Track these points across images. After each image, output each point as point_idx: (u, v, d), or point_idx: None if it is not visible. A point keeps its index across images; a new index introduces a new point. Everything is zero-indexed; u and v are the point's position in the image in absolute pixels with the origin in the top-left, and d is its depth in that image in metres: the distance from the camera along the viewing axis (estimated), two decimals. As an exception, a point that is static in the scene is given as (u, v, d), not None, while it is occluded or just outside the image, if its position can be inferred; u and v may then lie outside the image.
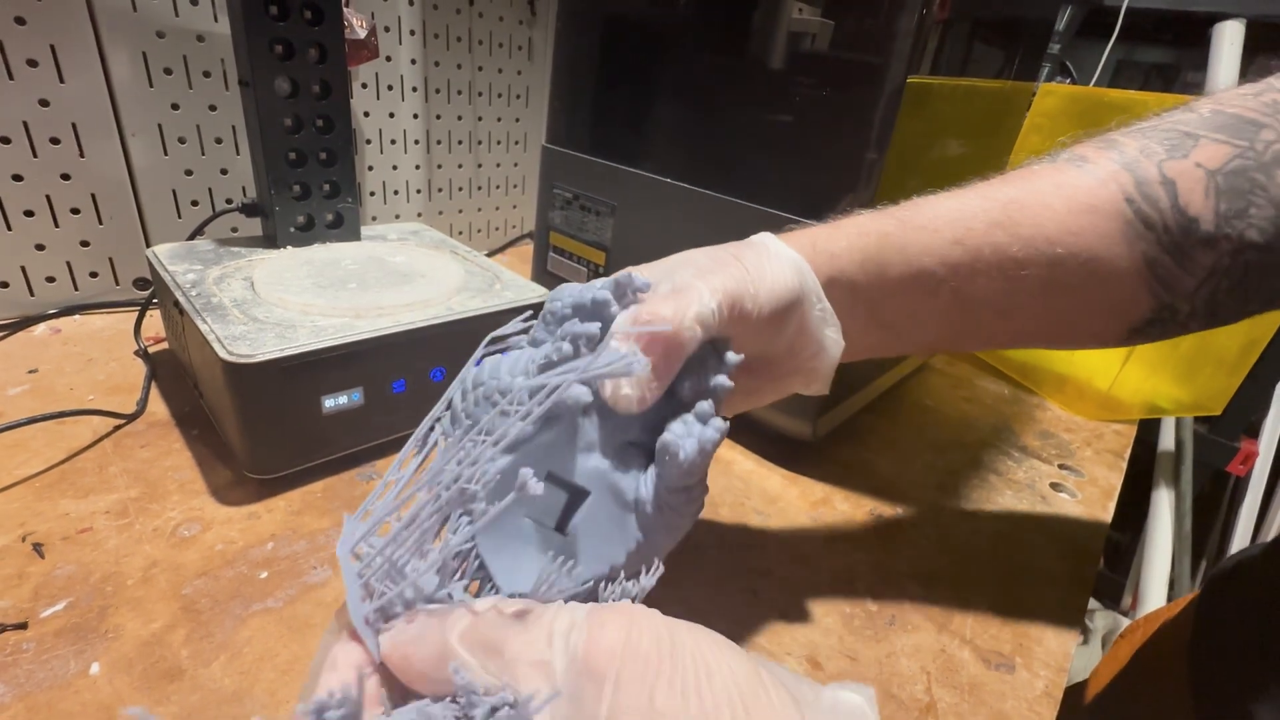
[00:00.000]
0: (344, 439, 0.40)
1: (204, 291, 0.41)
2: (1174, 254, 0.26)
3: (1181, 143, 0.26)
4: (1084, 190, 0.26)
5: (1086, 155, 0.27)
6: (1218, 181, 0.25)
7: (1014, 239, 0.26)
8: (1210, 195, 0.25)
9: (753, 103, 0.44)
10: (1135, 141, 0.27)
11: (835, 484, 0.46)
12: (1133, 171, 0.26)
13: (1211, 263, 0.26)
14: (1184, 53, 1.21)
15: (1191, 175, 0.25)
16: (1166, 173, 0.25)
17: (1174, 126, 0.27)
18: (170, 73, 0.54)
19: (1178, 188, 0.25)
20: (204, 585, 0.32)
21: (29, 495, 0.36)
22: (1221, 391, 0.57)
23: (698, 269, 0.25)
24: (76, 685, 0.27)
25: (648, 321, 0.22)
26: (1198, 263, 0.26)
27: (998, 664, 0.33)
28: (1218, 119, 0.26)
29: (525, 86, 0.81)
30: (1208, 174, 0.25)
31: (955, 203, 0.27)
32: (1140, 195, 0.26)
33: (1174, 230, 0.25)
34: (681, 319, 0.22)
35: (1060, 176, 0.27)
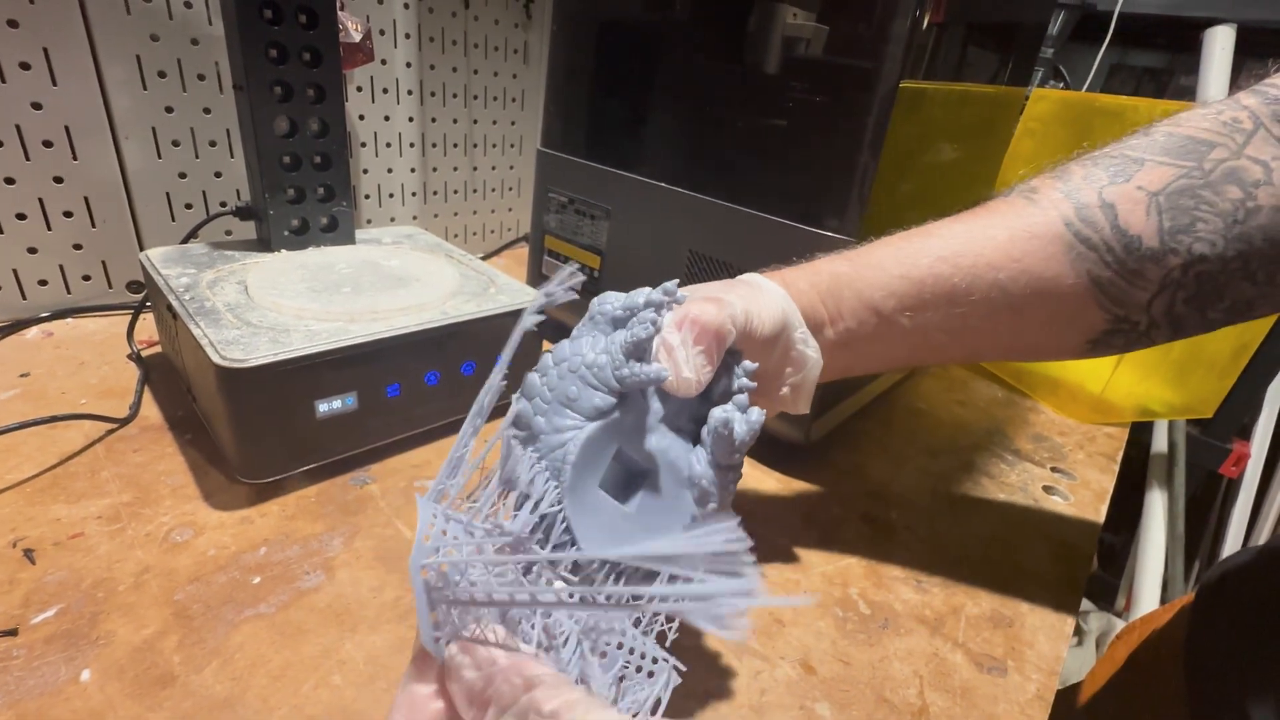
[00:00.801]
0: (338, 443, 0.40)
1: (197, 295, 0.41)
2: (1119, 270, 0.28)
3: (1126, 168, 0.28)
4: (1025, 219, 0.29)
5: (1036, 187, 0.30)
6: (1159, 201, 0.27)
7: (955, 269, 0.29)
8: (1152, 214, 0.27)
9: (747, 107, 0.44)
10: (1082, 169, 0.29)
11: (829, 487, 0.46)
12: (1073, 198, 0.28)
13: (1160, 276, 0.27)
14: (1176, 57, 1.22)
15: (1131, 197, 0.27)
16: (1105, 197, 0.28)
17: (1122, 153, 0.29)
18: (164, 76, 0.54)
19: (1117, 210, 0.27)
20: (196, 591, 0.32)
21: (20, 500, 0.36)
22: (1213, 394, 0.58)
23: (716, 289, 0.29)
24: (67, 692, 0.27)
25: (695, 318, 0.25)
26: (1146, 277, 0.28)
27: (990, 667, 0.34)
28: (1168, 142, 0.28)
29: (521, 90, 0.81)
30: (1149, 195, 0.27)
31: (905, 243, 0.31)
32: (1079, 219, 0.28)
33: (1116, 249, 0.27)
34: (722, 316, 0.26)
35: (1008, 210, 0.30)
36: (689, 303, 0.27)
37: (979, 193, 0.59)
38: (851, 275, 0.31)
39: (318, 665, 0.29)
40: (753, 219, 0.44)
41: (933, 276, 0.29)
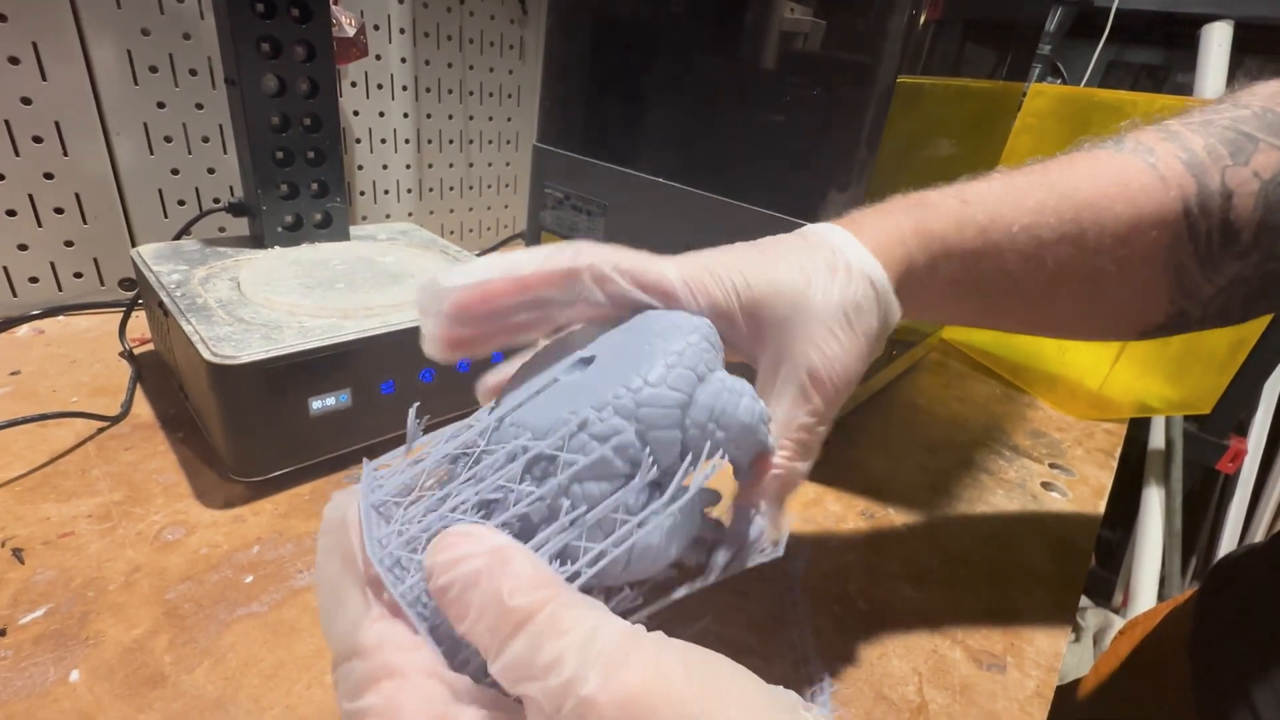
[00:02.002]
0: (332, 441, 0.40)
1: (189, 292, 0.41)
2: (1204, 264, 0.26)
3: (1243, 146, 0.25)
4: (1148, 194, 0.25)
5: (1154, 148, 0.26)
6: (1268, 193, 0.25)
7: (1078, 250, 0.25)
8: (1258, 208, 0.25)
9: (744, 102, 0.44)
10: (1200, 138, 0.26)
11: (827, 484, 0.46)
12: (1198, 177, 0.25)
13: (1235, 272, 0.26)
14: (1174, 54, 1.22)
15: (1247, 185, 0.25)
16: (1228, 182, 0.25)
17: (1233, 124, 0.26)
18: (156, 71, 0.54)
19: (1233, 201, 0.25)
20: (188, 590, 0.32)
21: (9, 499, 0.35)
22: (1211, 390, 0.58)
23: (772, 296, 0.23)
24: (55, 693, 0.26)
25: (784, 478, 0.22)
26: (1222, 272, 0.26)
27: (989, 664, 0.33)
28: (1270, 119, 0.25)
29: (517, 85, 0.80)
30: (1262, 184, 0.25)
31: (1032, 204, 0.25)
32: (1199, 206, 0.25)
33: (1215, 242, 0.25)
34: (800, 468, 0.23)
35: (1128, 172, 0.26)
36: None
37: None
38: (978, 251, 0.25)
39: (311, 664, 0.29)
40: (750, 214, 0.44)
41: (1053, 258, 0.25)
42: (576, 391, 0.19)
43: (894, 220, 0.25)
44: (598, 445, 0.17)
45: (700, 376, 0.19)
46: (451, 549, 0.15)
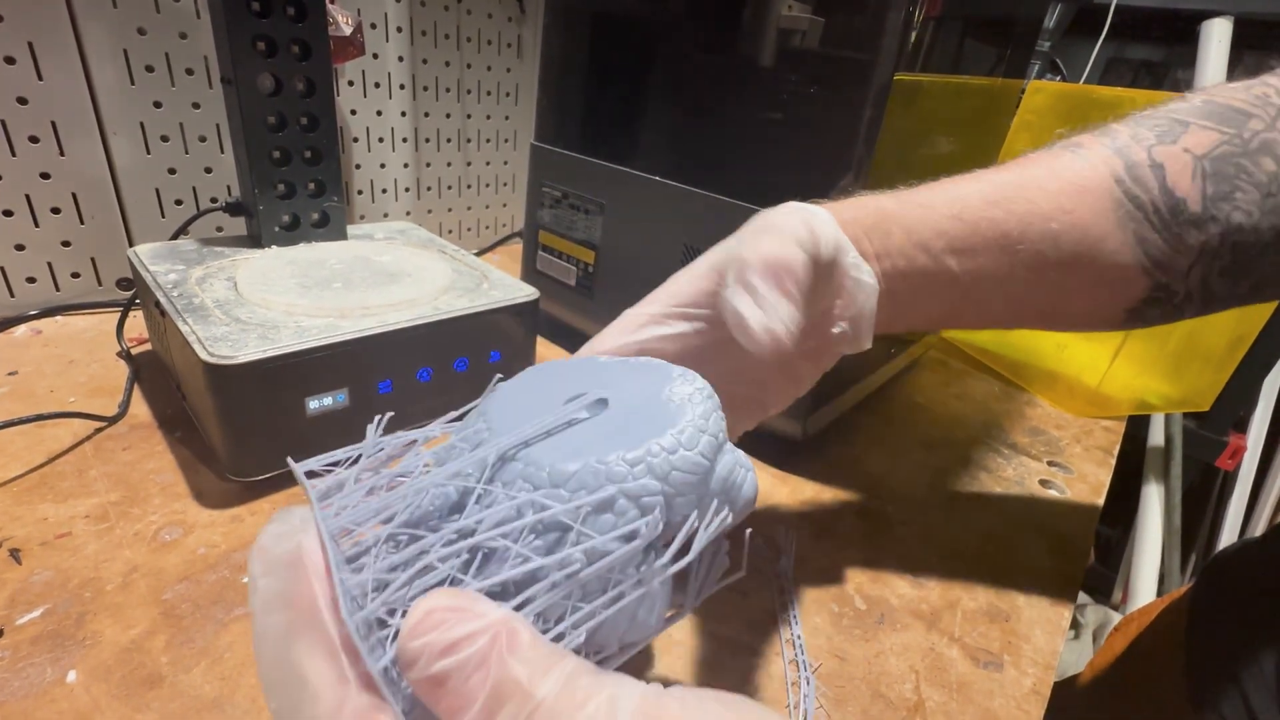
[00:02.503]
0: (329, 441, 0.39)
1: (186, 292, 0.41)
2: (1164, 234, 0.27)
3: (1172, 129, 0.27)
4: (1075, 172, 0.27)
5: (1081, 142, 0.29)
6: (1204, 166, 0.26)
7: (1009, 214, 0.27)
8: (1197, 178, 0.26)
9: (742, 100, 0.44)
10: (1128, 129, 0.28)
11: (825, 482, 0.46)
12: (1123, 156, 0.27)
13: (1200, 243, 0.27)
14: (1173, 50, 1.22)
15: (1179, 159, 0.26)
16: (1155, 157, 0.27)
17: (1167, 115, 0.28)
18: (152, 70, 0.54)
19: (1165, 170, 0.26)
20: (185, 590, 0.32)
21: (6, 499, 0.35)
22: (1209, 387, 0.58)
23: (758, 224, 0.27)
24: (53, 694, 0.26)
25: (769, 258, 0.24)
26: (1187, 243, 0.27)
27: (986, 662, 0.33)
28: (1208, 108, 0.27)
29: (514, 84, 0.80)
30: (1195, 159, 0.26)
31: (952, 186, 0.29)
32: (1129, 177, 0.27)
33: (1163, 210, 0.26)
34: (793, 250, 0.24)
35: (1055, 161, 0.28)
36: (748, 244, 0.24)
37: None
38: (899, 212, 0.28)
39: (308, 665, 0.29)
40: (749, 212, 0.44)
41: (986, 220, 0.27)
42: (597, 439, 0.18)
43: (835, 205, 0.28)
44: (628, 504, 0.16)
45: (720, 445, 0.19)
46: (444, 628, 0.13)
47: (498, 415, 0.19)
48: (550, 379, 0.22)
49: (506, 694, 0.12)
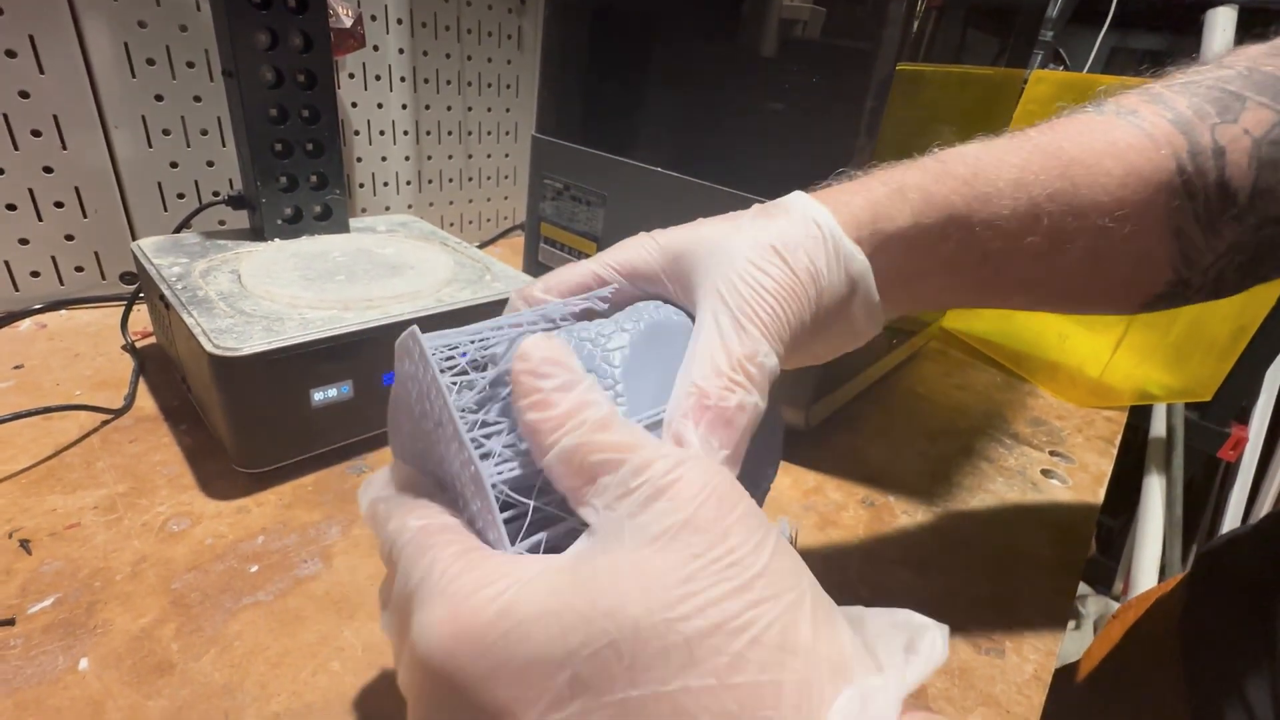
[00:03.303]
0: (334, 432, 0.40)
1: (190, 285, 0.41)
2: (1205, 228, 0.24)
3: (1230, 104, 0.24)
4: (1138, 152, 0.24)
5: (1136, 108, 0.25)
6: (1261, 152, 0.23)
7: (1069, 210, 0.24)
8: (1252, 166, 0.24)
9: (743, 90, 0.44)
10: (1185, 98, 0.25)
11: (827, 472, 0.46)
12: (1188, 135, 0.24)
13: (1234, 237, 0.25)
14: (1177, 39, 1.21)
15: (1240, 143, 0.24)
16: (1219, 139, 0.24)
17: (1218, 84, 0.25)
18: (153, 63, 0.54)
19: (1227, 157, 0.23)
20: (193, 579, 0.32)
21: (15, 491, 0.36)
22: (1212, 377, 0.58)
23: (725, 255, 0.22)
24: (65, 681, 0.27)
25: (710, 406, 0.20)
26: (1221, 237, 0.25)
27: (988, 649, 0.34)
28: (1256, 78, 0.24)
29: (515, 76, 0.80)
30: (1254, 142, 0.23)
31: (1017, 160, 0.24)
32: (1193, 165, 0.24)
33: (1213, 202, 0.24)
34: (744, 402, 0.20)
35: (1115, 132, 0.24)
36: (701, 349, 0.20)
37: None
38: (964, 212, 0.24)
39: (316, 652, 0.29)
40: (750, 203, 0.44)
41: (1048, 216, 0.24)
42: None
43: (859, 182, 0.25)
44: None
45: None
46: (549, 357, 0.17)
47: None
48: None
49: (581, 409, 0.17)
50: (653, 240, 0.24)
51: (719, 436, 0.19)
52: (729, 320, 0.20)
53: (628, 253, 0.24)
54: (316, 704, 0.27)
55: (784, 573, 0.16)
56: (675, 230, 0.24)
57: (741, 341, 0.20)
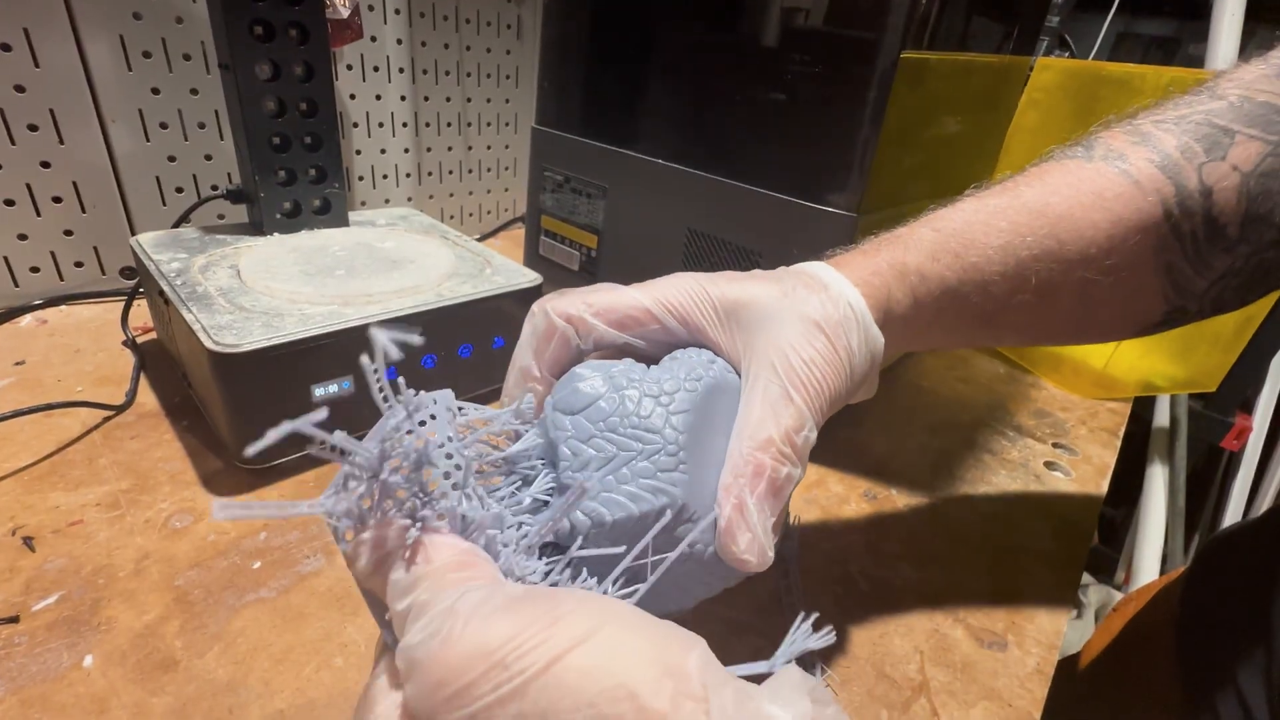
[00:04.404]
0: (336, 428, 0.40)
1: (189, 280, 0.41)
2: (1194, 262, 0.25)
3: (1218, 140, 0.25)
4: (1124, 202, 0.25)
5: (1125, 154, 0.26)
6: (1250, 186, 0.24)
7: (1059, 263, 0.25)
8: (1241, 201, 0.24)
9: (745, 81, 0.43)
10: (1173, 137, 0.25)
11: (829, 465, 0.46)
12: (1174, 180, 0.25)
13: (1226, 266, 0.25)
14: (1185, 25, 1.19)
15: (1227, 180, 0.24)
16: (1205, 179, 0.24)
17: (1207, 118, 0.25)
18: (149, 56, 0.53)
19: (1214, 196, 0.24)
20: (197, 576, 0.32)
21: (18, 488, 0.36)
22: (1217, 368, 0.57)
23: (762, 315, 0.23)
24: (70, 678, 0.27)
25: (772, 479, 0.21)
26: (1214, 267, 0.25)
27: (990, 642, 0.34)
28: (1247, 108, 0.25)
29: (515, 66, 0.79)
30: (1242, 177, 0.24)
31: (1005, 225, 0.25)
32: (1179, 209, 0.25)
33: (1201, 240, 0.25)
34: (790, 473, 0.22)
35: (1101, 181, 0.25)
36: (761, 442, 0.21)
37: (983, 166, 0.58)
38: (956, 285, 0.26)
39: (319, 648, 0.29)
40: (752, 195, 0.44)
41: (1035, 275, 0.25)
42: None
43: (870, 258, 0.26)
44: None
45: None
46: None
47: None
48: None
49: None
50: (704, 290, 0.23)
51: (769, 505, 0.20)
52: (779, 391, 0.21)
53: (680, 296, 0.23)
54: (320, 700, 0.27)
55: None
56: (724, 283, 0.24)
57: (790, 414, 0.21)
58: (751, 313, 0.23)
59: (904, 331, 0.26)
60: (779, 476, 0.21)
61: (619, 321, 0.23)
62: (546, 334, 0.23)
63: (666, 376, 0.21)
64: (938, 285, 0.25)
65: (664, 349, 0.24)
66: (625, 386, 0.21)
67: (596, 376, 0.21)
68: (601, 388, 0.20)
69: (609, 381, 0.20)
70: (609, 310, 0.23)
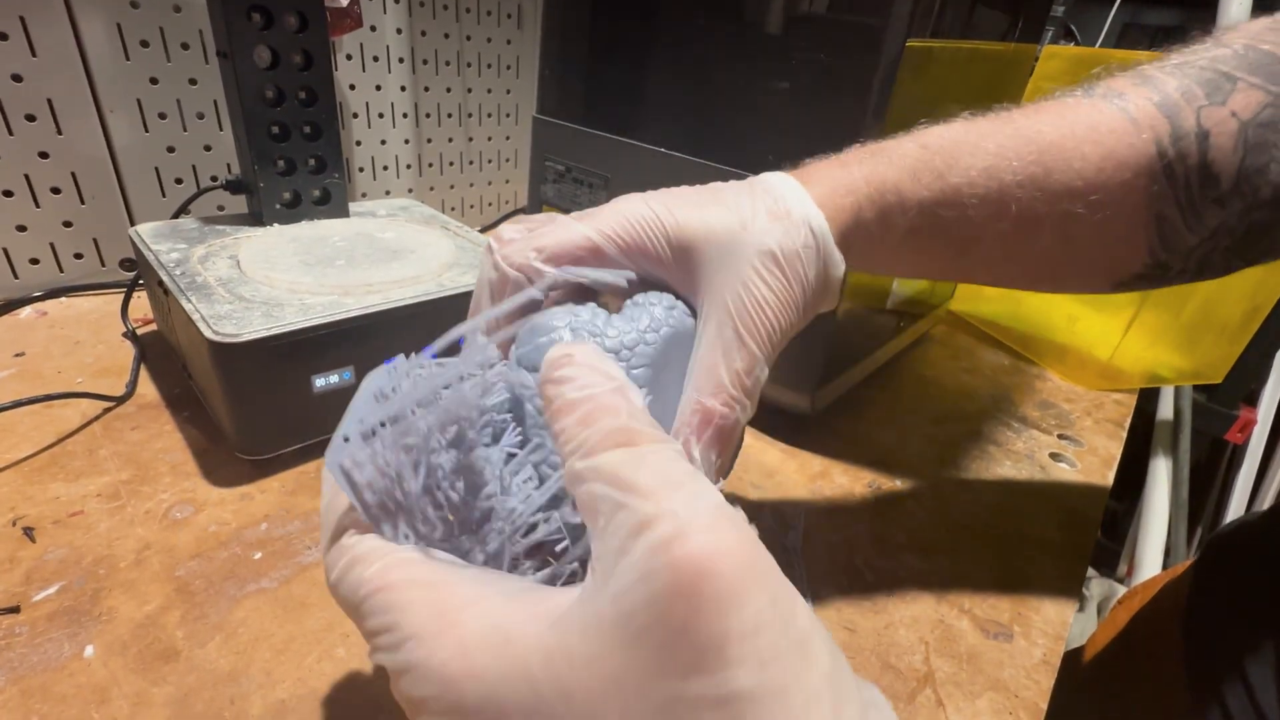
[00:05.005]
0: (336, 419, 0.39)
1: (189, 271, 0.40)
2: (1185, 212, 0.24)
3: (1219, 85, 0.24)
4: (1118, 137, 0.24)
5: (1124, 92, 0.25)
6: (1248, 135, 0.23)
7: (1043, 193, 0.24)
8: (1238, 150, 0.24)
9: (749, 69, 0.43)
10: (1174, 80, 0.25)
11: (834, 457, 0.46)
12: (1171, 118, 0.24)
13: (1219, 221, 0.25)
14: (1191, 14, 1.18)
15: (1225, 126, 0.24)
16: (1203, 122, 0.24)
17: (1212, 64, 0.25)
18: (147, 45, 0.53)
19: (1210, 140, 0.24)
20: (198, 567, 0.32)
21: (18, 479, 0.36)
22: (1223, 359, 0.57)
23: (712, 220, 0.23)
24: (71, 668, 0.27)
25: (710, 419, 0.21)
26: (1205, 223, 0.25)
27: (996, 633, 0.34)
28: (1252, 57, 0.24)
29: (515, 56, 0.79)
30: (1240, 125, 0.24)
31: (993, 147, 0.25)
32: (1173, 149, 0.24)
33: (1194, 186, 0.24)
34: (736, 415, 0.22)
35: (1096, 115, 0.25)
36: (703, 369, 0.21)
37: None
38: (935, 201, 0.25)
39: (321, 638, 0.29)
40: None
41: (1016, 202, 0.24)
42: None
43: (847, 171, 0.25)
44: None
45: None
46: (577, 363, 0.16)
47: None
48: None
49: (607, 415, 0.15)
50: (658, 219, 0.23)
51: (717, 449, 0.21)
52: (731, 333, 0.21)
53: (631, 227, 0.23)
54: (322, 690, 0.27)
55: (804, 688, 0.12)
56: (681, 208, 0.23)
57: (742, 356, 0.21)
58: (708, 249, 0.22)
59: (869, 252, 0.25)
60: (727, 423, 0.21)
61: (570, 262, 0.23)
62: (500, 285, 0.23)
63: (629, 328, 0.21)
64: (914, 206, 0.25)
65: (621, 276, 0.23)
66: (586, 342, 0.20)
67: (556, 332, 0.20)
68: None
69: (570, 335, 0.20)
70: (558, 254, 0.22)
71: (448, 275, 0.44)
